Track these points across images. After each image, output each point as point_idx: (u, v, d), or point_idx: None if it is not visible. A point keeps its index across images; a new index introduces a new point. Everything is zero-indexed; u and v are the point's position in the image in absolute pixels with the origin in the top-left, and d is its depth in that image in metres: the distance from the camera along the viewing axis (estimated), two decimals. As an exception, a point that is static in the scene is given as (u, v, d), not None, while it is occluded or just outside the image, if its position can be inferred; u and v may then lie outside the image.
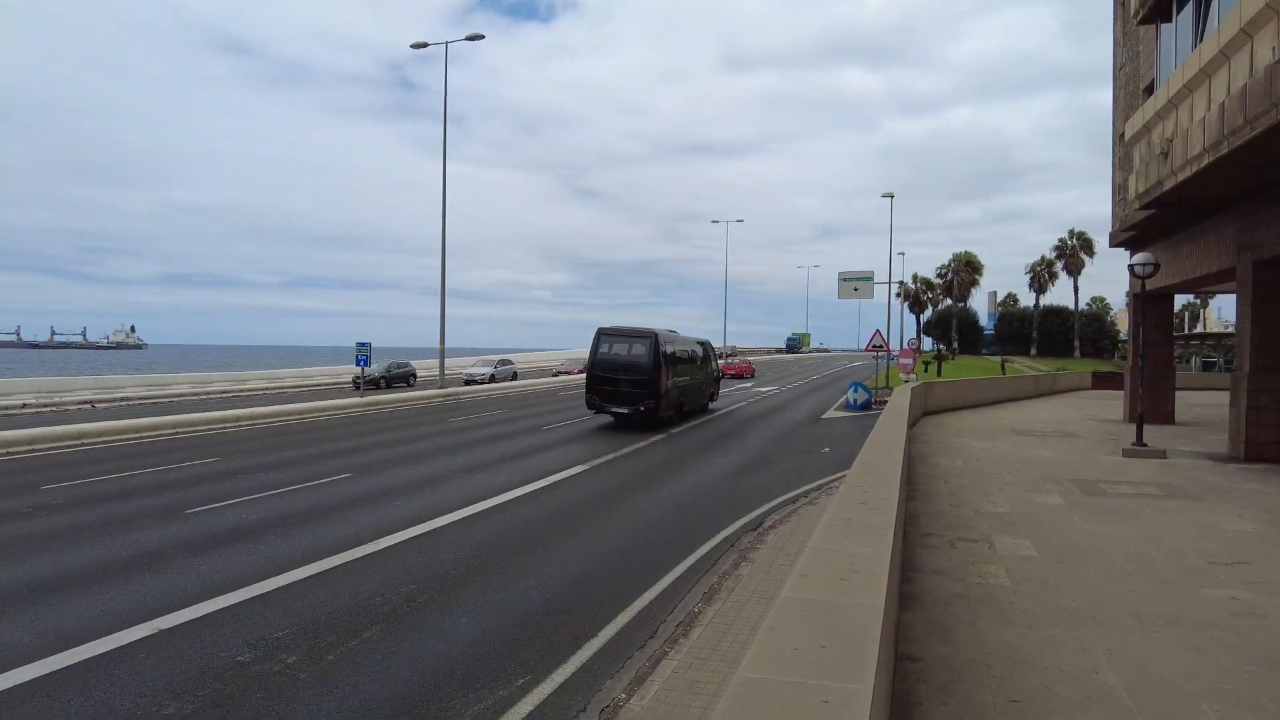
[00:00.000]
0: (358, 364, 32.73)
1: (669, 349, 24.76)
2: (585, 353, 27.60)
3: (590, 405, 23.94)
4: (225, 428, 22.65)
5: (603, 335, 24.32)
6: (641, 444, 19.60)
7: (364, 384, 36.63)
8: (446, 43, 33.69)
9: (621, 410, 23.29)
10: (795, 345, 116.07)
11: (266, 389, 38.72)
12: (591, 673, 6.37)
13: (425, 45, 33.66)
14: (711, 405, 30.01)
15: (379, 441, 19.86)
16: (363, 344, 31.71)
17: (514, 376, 47.52)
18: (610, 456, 17.45)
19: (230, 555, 9.46)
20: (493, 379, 44.79)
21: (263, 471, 15.19)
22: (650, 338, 23.92)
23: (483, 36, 33.53)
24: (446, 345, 36.39)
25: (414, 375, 43.65)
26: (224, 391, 38.00)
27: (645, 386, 23.14)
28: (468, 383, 43.31)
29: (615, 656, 6.67)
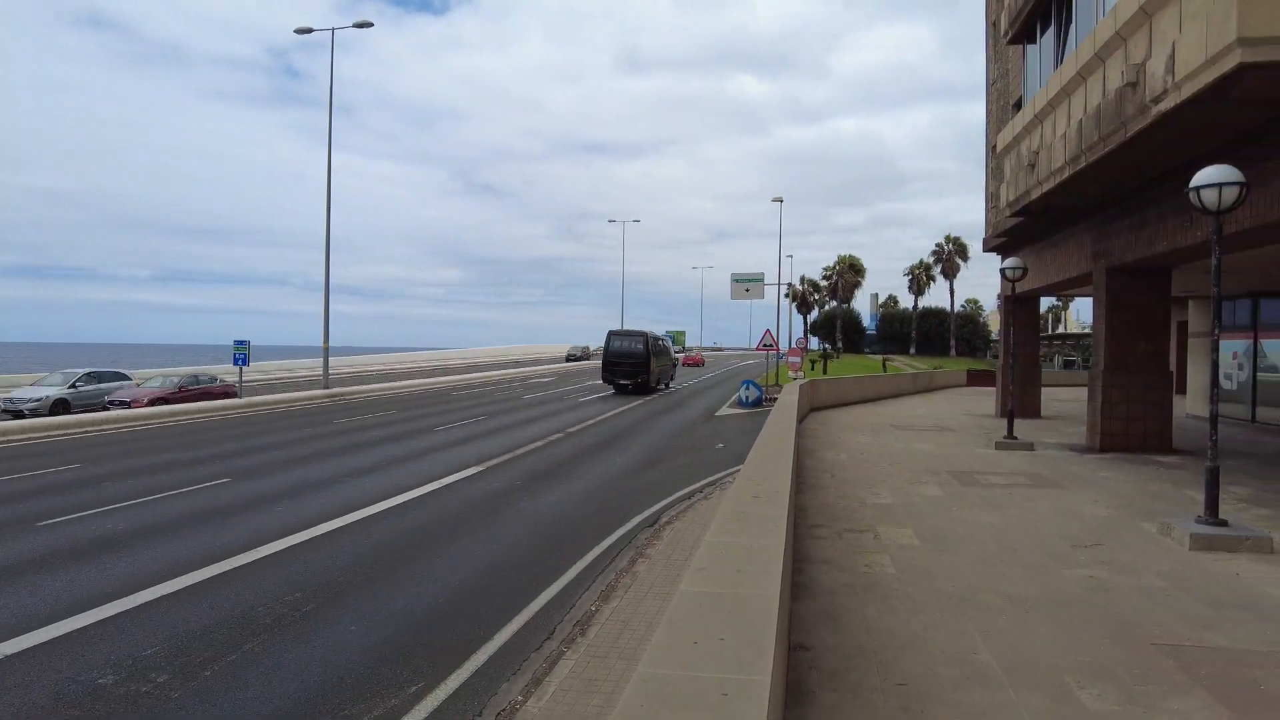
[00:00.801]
0: (236, 363, 30.94)
1: (653, 343, 38.30)
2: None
3: (605, 380, 36.96)
4: (87, 432, 20.99)
5: (612, 335, 37.95)
6: (539, 443, 19.42)
7: None
8: (333, 29, 32.28)
9: (625, 382, 36.12)
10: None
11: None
12: (487, 677, 6.25)
13: (310, 31, 32.19)
14: (672, 384, 43.00)
15: (264, 444, 18.88)
16: (241, 342, 30.08)
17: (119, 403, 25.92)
18: (506, 457, 17.20)
19: (90, 569, 8.74)
20: (63, 407, 25.04)
21: (131, 477, 14.14)
22: (644, 336, 38.01)
23: (371, 24, 32.37)
24: (331, 344, 34.96)
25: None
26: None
27: (640, 367, 36.31)
28: (11, 414, 24.17)
29: (511, 659, 6.56)
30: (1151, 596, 6.55)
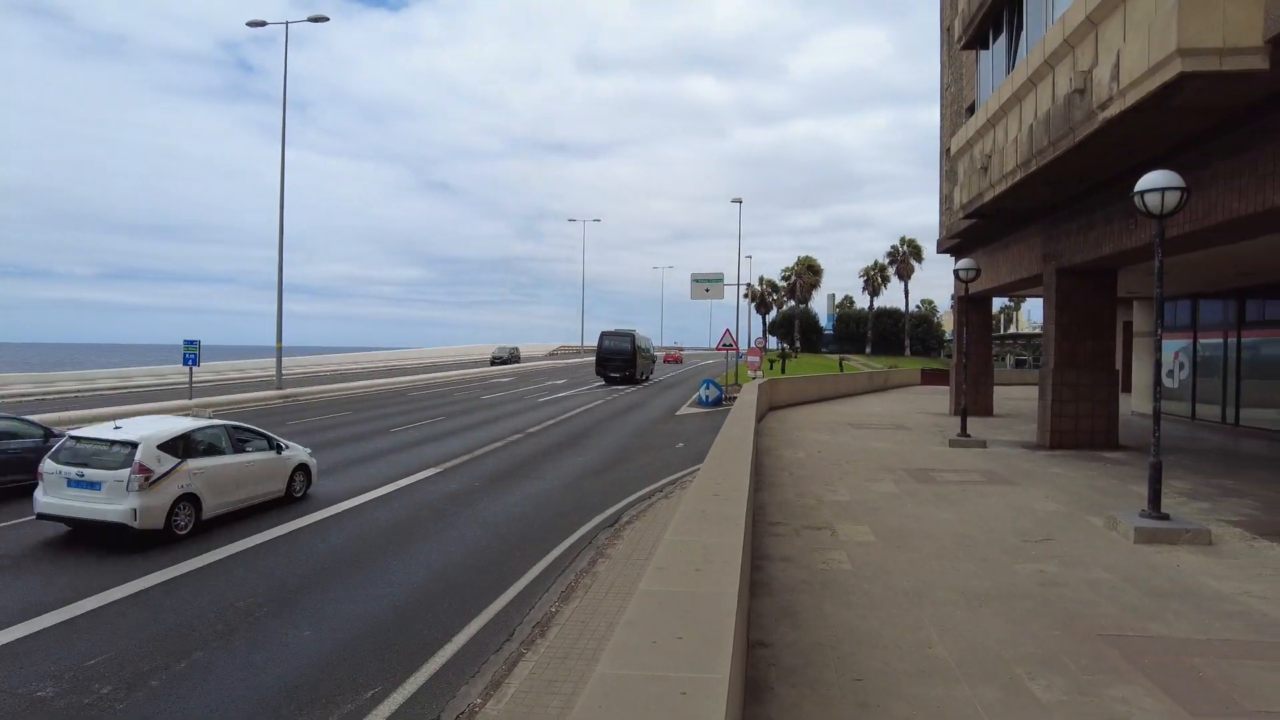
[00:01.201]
0: (186, 363, 30.14)
1: (638, 342, 44.95)
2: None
3: (598, 373, 43.86)
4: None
5: (604, 335, 44.93)
6: (498, 444, 19.28)
7: None
8: (287, 23, 31.67)
9: (615, 375, 43.19)
10: None
11: (78, 391, 34.96)
12: (445, 680, 6.18)
13: (263, 24, 31.50)
14: (651, 378, 48.72)
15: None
16: (191, 342, 29.29)
17: None
18: (466, 458, 17.04)
19: (23, 578, 8.45)
20: None
21: (72, 482, 13.67)
22: (630, 336, 44.82)
23: (326, 19, 31.76)
24: (284, 344, 34.24)
25: None
26: (24, 395, 33.99)
27: (629, 362, 43.62)
28: None
29: (470, 661, 6.51)
30: (1098, 589, 6.74)
